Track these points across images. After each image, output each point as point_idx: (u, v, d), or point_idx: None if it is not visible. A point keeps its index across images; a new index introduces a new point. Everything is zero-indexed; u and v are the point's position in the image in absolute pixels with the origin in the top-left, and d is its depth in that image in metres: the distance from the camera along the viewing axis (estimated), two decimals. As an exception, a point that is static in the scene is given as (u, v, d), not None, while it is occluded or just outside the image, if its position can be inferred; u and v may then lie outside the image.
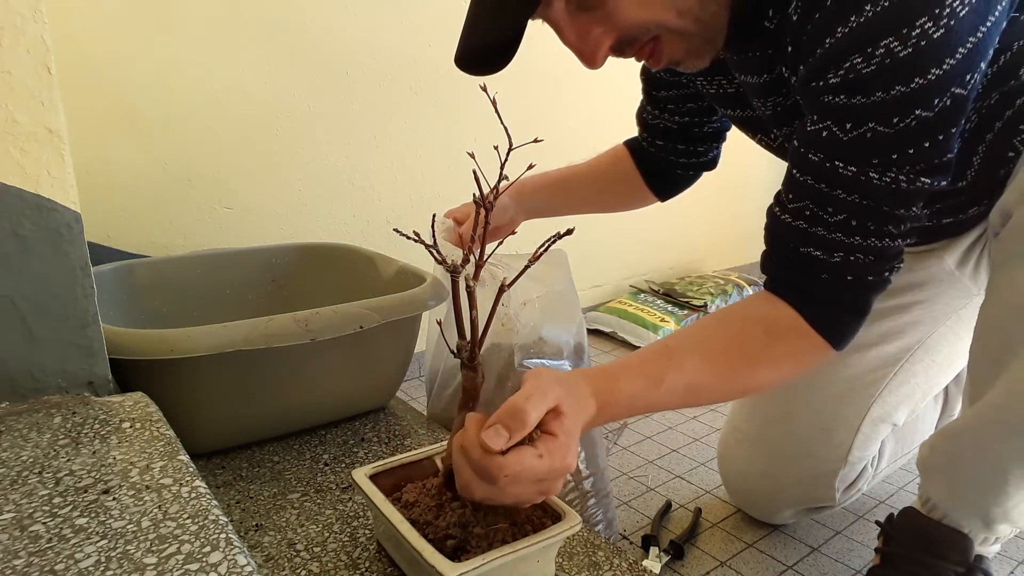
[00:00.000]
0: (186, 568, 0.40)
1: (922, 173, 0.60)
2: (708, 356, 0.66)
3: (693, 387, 0.64)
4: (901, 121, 0.58)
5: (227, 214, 1.25)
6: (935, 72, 0.55)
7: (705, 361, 0.65)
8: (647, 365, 0.64)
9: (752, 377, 0.67)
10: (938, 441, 0.75)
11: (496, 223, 0.99)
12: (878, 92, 0.57)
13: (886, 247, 0.63)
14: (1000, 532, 0.72)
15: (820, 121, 0.61)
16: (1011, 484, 0.67)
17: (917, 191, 0.61)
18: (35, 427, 0.56)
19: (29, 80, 0.56)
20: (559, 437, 0.52)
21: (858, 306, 0.66)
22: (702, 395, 0.67)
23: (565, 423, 0.53)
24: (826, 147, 0.62)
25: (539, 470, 0.51)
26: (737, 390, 0.71)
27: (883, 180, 0.60)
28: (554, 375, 0.57)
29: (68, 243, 0.60)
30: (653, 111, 0.96)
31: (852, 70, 0.57)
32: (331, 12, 1.28)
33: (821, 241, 0.64)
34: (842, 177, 0.61)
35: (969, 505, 0.71)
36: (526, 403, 0.51)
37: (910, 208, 0.62)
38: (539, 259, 0.54)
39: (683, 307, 1.81)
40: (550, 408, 0.53)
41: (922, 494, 0.76)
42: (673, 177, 1.03)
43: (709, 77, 0.82)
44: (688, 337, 0.69)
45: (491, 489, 0.51)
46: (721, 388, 0.68)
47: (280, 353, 0.73)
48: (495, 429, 0.50)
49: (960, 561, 0.72)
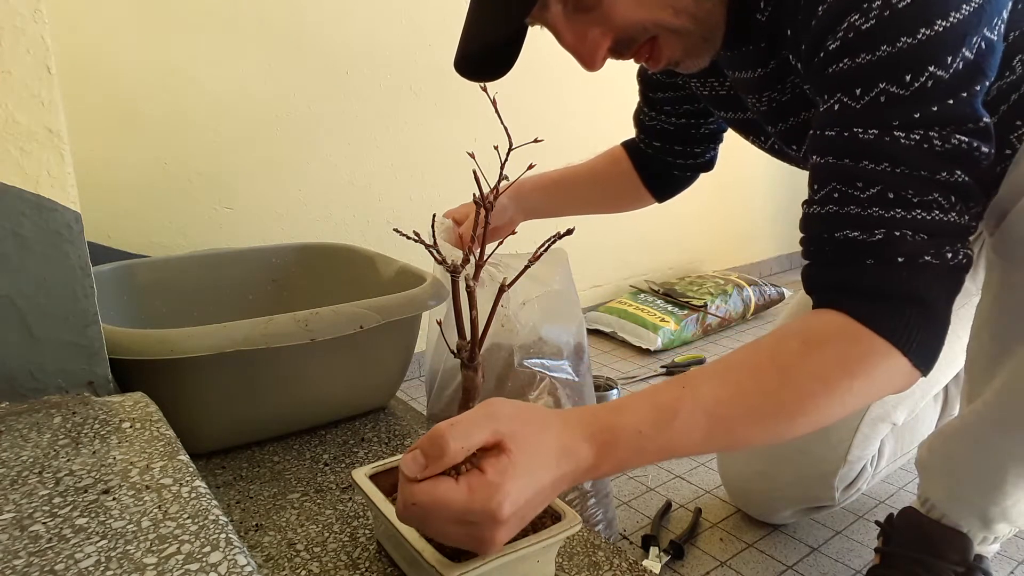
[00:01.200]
0: (186, 568, 0.40)
1: (956, 131, 0.53)
2: (731, 379, 0.54)
3: (719, 418, 0.52)
4: (915, 80, 0.52)
5: (227, 214, 1.25)
6: (940, 24, 0.51)
7: (727, 385, 0.54)
8: (658, 394, 0.53)
9: (796, 400, 0.53)
10: (936, 441, 0.75)
11: (495, 223, 0.99)
12: (883, 46, 0.52)
13: (938, 220, 0.54)
14: (999, 531, 0.72)
15: (830, 97, 0.57)
16: (1009, 483, 0.67)
17: (956, 151, 0.53)
18: (35, 427, 0.56)
19: (29, 80, 0.56)
20: (487, 475, 0.45)
21: (920, 295, 0.54)
22: (734, 430, 0.53)
23: (502, 463, 0.45)
24: (841, 119, 0.56)
25: (454, 506, 0.44)
26: (780, 418, 0.54)
27: (910, 140, 0.53)
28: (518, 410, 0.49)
29: (68, 243, 0.60)
30: (649, 113, 0.97)
31: (851, 29, 0.53)
32: (331, 12, 1.29)
33: (856, 220, 0.55)
34: (865, 144, 0.54)
35: (968, 504, 0.71)
36: (448, 431, 0.45)
37: (953, 172, 0.53)
38: (539, 259, 0.54)
39: (683, 307, 1.81)
40: (488, 443, 0.46)
41: (921, 494, 0.76)
42: (671, 178, 1.03)
43: (702, 79, 0.82)
44: (709, 364, 0.57)
45: (417, 523, 0.47)
46: (756, 418, 0.54)
47: (280, 353, 0.73)
48: (413, 455, 0.46)
49: (960, 561, 0.72)
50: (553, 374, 0.88)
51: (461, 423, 0.46)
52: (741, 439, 0.54)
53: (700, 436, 0.52)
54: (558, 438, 0.49)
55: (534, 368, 0.87)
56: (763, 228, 2.39)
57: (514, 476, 0.45)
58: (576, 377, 0.90)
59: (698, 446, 0.53)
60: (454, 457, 0.45)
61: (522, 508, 0.46)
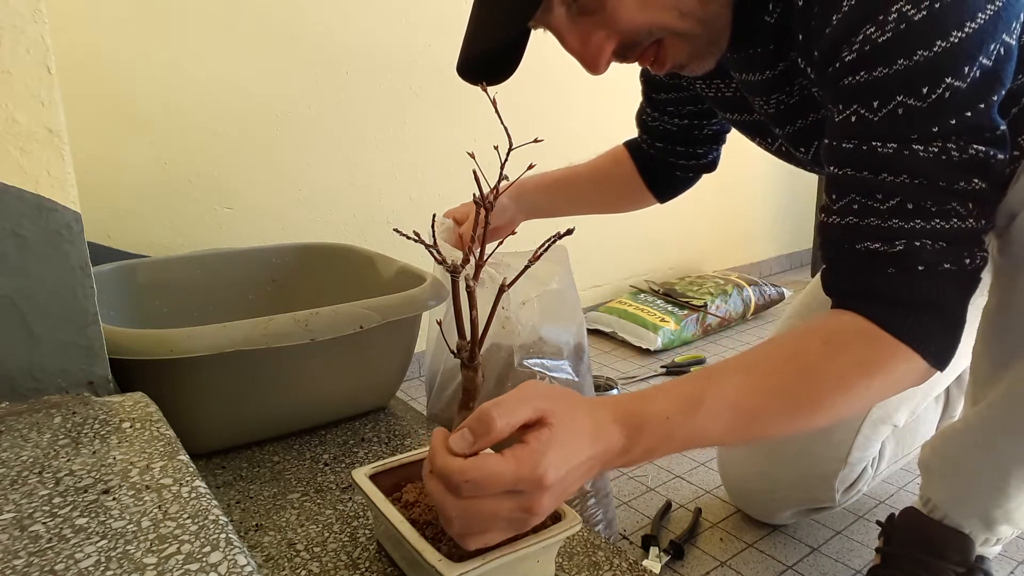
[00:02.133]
0: (186, 568, 0.40)
1: (973, 141, 0.54)
2: (755, 374, 0.56)
3: (742, 410, 0.54)
4: (932, 92, 0.53)
5: (227, 214, 1.25)
6: (956, 35, 0.51)
7: (751, 379, 0.55)
8: (683, 385, 0.55)
9: (817, 397, 0.55)
10: (939, 442, 0.75)
11: (495, 223, 0.99)
12: (900, 59, 0.52)
13: (956, 229, 0.55)
14: (1001, 533, 0.72)
15: (846, 108, 0.57)
16: (1012, 486, 0.67)
17: (973, 161, 0.54)
18: (35, 427, 0.56)
19: (29, 80, 0.56)
20: (530, 444, 0.47)
21: (939, 301, 0.56)
22: (756, 421, 0.55)
23: (544, 435, 0.48)
24: (859, 132, 0.56)
25: (504, 477, 0.46)
26: (801, 413, 0.56)
27: (929, 152, 0.54)
28: (554, 391, 0.52)
29: (68, 243, 0.60)
30: (653, 113, 0.97)
31: (867, 41, 0.53)
32: (331, 12, 1.29)
33: (877, 232, 0.56)
34: (883, 157, 0.55)
35: (970, 506, 0.71)
36: (493, 409, 0.47)
37: (971, 180, 0.55)
38: (539, 259, 0.54)
39: (683, 307, 1.81)
40: (531, 419, 0.48)
41: (923, 494, 0.76)
42: (673, 179, 1.03)
43: (707, 80, 0.81)
44: (731, 359, 0.59)
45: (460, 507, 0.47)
46: (778, 412, 0.56)
47: (280, 353, 0.73)
48: (461, 433, 0.48)
49: (961, 561, 0.72)
50: (553, 374, 0.88)
51: (505, 402, 0.48)
52: (761, 431, 0.57)
53: (723, 427, 0.54)
54: (591, 418, 0.50)
55: (534, 368, 0.87)
56: (763, 228, 2.39)
57: (556, 446, 0.47)
58: (576, 377, 0.90)
59: (720, 436, 0.55)
60: (500, 433, 0.47)
61: (564, 478, 0.47)
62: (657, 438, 0.52)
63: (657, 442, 0.52)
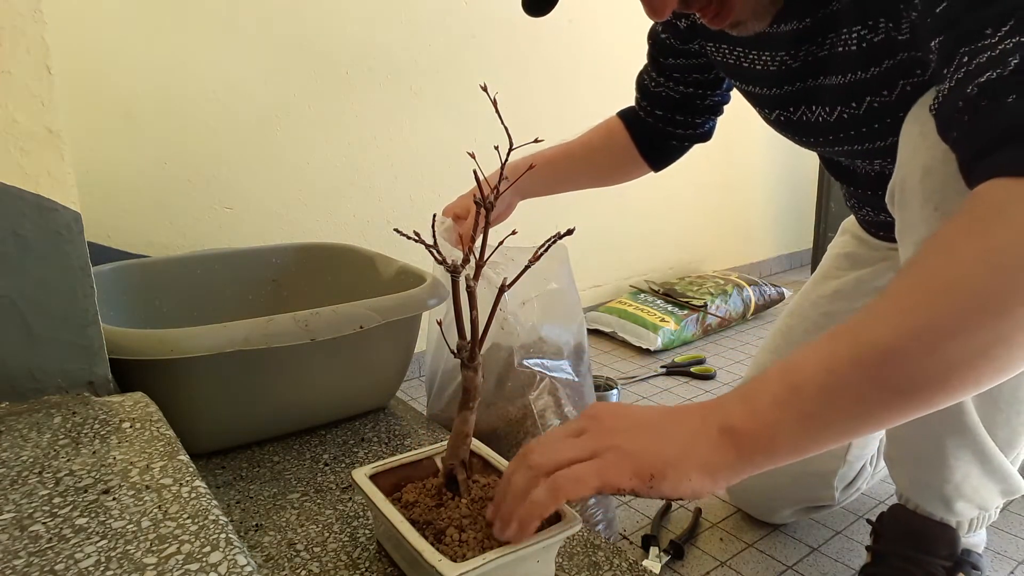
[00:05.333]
0: (186, 568, 0.40)
1: None
2: (896, 295, 0.44)
3: (891, 349, 0.42)
4: None
5: (227, 214, 1.25)
6: None
7: (893, 301, 0.44)
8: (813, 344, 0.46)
9: (993, 290, 0.40)
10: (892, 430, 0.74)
11: (494, 211, 0.99)
12: None
13: None
14: (963, 513, 0.72)
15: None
16: (950, 456, 0.67)
17: None
18: (35, 427, 0.56)
19: (29, 80, 0.56)
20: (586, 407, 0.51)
21: None
22: (924, 346, 0.41)
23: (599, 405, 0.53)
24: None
25: (568, 426, 0.51)
26: (982, 321, 0.40)
27: None
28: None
29: (68, 243, 0.60)
30: (658, 78, 0.95)
31: None
32: (331, 12, 1.29)
33: (989, 62, 0.46)
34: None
35: (925, 487, 0.72)
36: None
37: None
38: (539, 259, 0.54)
39: (683, 307, 1.81)
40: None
41: (896, 487, 0.76)
42: (668, 148, 1.02)
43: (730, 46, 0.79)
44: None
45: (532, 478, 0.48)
46: (945, 327, 0.41)
47: (280, 353, 0.73)
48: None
49: (948, 555, 0.72)
50: (553, 374, 0.88)
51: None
52: (934, 362, 0.42)
53: (870, 373, 0.43)
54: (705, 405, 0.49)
55: (534, 368, 0.87)
56: (763, 228, 2.39)
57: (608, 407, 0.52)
58: (576, 377, 0.90)
59: (870, 388, 0.44)
60: None
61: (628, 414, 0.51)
62: (778, 397, 0.45)
63: (779, 409, 0.45)
